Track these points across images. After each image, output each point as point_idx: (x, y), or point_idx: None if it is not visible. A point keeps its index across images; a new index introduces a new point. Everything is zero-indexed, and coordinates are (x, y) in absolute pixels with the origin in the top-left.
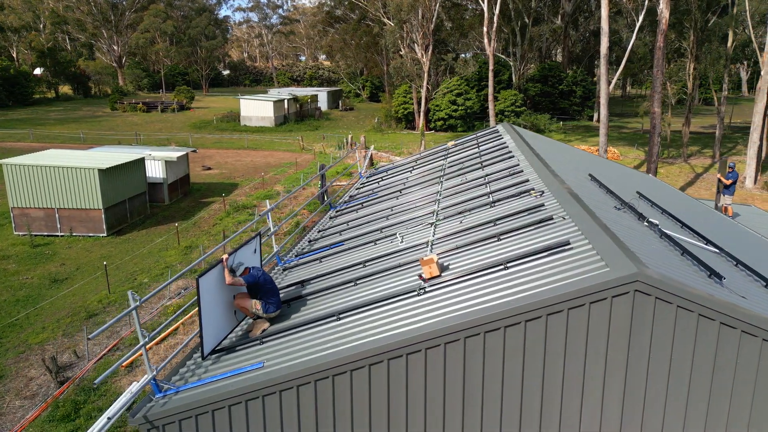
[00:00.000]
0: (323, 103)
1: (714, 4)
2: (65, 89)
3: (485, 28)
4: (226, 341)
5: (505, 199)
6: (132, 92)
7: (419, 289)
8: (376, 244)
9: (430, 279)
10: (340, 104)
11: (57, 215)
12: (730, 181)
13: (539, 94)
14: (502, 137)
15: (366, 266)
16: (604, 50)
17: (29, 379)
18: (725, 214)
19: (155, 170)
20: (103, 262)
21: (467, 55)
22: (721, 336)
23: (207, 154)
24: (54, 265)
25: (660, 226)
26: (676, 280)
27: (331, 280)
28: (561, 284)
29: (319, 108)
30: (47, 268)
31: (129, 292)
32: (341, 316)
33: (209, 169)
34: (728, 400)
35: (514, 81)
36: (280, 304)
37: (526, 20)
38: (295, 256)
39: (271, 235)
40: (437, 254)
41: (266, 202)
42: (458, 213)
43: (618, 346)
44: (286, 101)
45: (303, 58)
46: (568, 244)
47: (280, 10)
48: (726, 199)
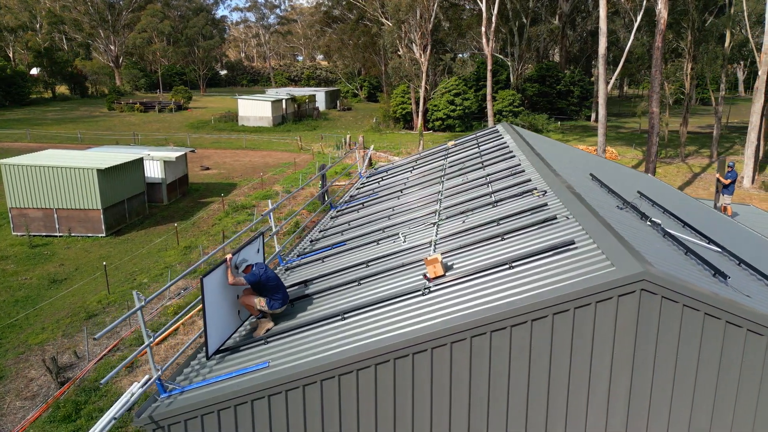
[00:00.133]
0: (321, 103)
1: (711, 4)
2: (62, 89)
3: (483, 28)
4: (230, 341)
5: (507, 198)
6: (129, 92)
7: (424, 289)
8: (379, 244)
9: (435, 278)
10: (338, 104)
11: (55, 215)
12: (729, 180)
13: (537, 94)
14: (502, 137)
15: (369, 266)
16: (602, 50)
17: (29, 380)
18: (725, 214)
19: (154, 170)
20: (102, 263)
21: (465, 55)
22: (727, 335)
23: (205, 154)
24: (53, 266)
25: (662, 225)
26: (682, 279)
27: (334, 279)
28: (567, 283)
29: (317, 108)
30: (46, 269)
31: (134, 292)
32: (346, 316)
33: (207, 169)
34: (734, 399)
35: (512, 81)
36: (286, 300)
37: (524, 20)
38: (298, 256)
39: (273, 235)
40: (441, 254)
41: (268, 202)
42: (460, 213)
43: (624, 345)
44: (284, 101)
45: (300, 58)
46: (573, 243)
47: (277, 10)
48: (725, 199)
